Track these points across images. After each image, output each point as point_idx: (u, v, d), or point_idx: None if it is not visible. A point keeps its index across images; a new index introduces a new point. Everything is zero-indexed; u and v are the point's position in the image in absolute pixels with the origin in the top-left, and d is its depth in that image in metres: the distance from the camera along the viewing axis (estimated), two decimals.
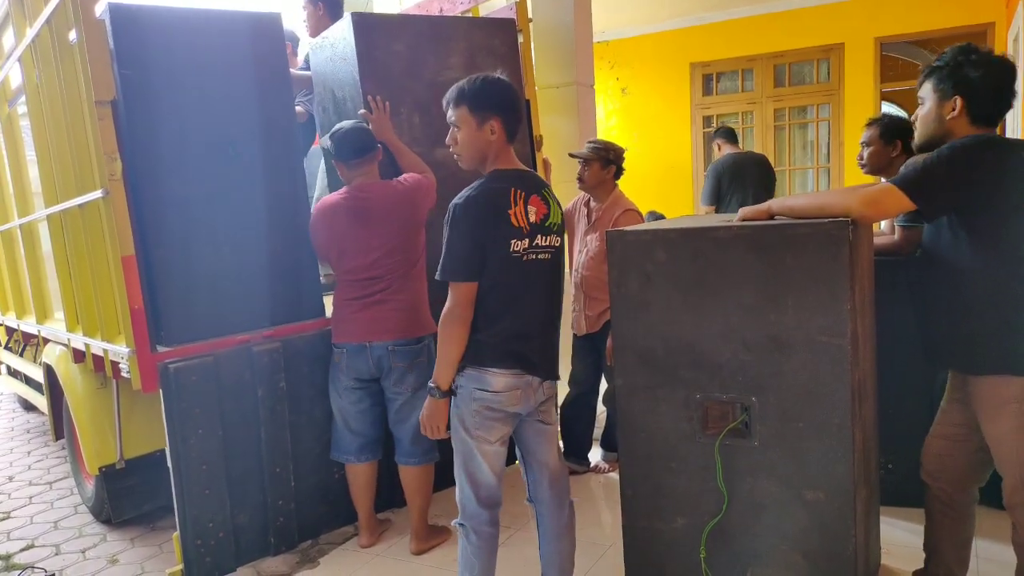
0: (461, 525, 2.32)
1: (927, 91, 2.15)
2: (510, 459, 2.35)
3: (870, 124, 3.32)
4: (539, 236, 2.22)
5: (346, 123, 3.08)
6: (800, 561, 2.10)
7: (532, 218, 2.20)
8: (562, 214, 2.33)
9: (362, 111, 3.21)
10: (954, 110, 2.08)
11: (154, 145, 2.81)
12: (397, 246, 2.99)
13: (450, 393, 2.24)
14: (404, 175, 3.12)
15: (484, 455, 2.25)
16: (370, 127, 3.13)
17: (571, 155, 3.76)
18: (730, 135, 5.93)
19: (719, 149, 5.88)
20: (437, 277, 2.20)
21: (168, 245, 2.84)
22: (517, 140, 3.62)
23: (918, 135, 2.19)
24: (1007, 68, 2.09)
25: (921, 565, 2.49)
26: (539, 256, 2.22)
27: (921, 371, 2.36)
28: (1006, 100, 2.10)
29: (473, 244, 2.14)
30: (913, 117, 2.25)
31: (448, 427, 2.27)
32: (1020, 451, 2.05)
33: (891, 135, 3.23)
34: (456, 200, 2.16)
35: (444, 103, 2.23)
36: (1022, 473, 2.06)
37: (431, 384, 2.23)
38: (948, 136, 2.07)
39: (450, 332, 2.18)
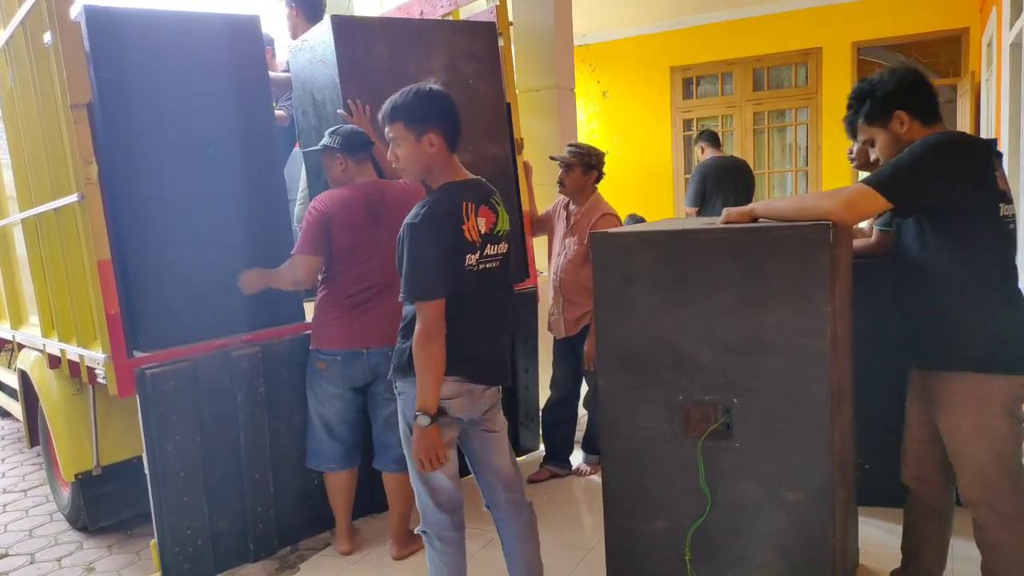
0: (424, 532, 2.32)
1: (868, 131, 2.22)
2: (464, 470, 2.35)
3: None
4: (489, 245, 2.22)
5: (343, 125, 3.06)
6: (779, 562, 2.11)
7: (482, 229, 2.20)
8: (510, 219, 2.32)
9: (341, 111, 3.19)
10: (903, 123, 2.15)
11: (132, 148, 2.77)
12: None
13: (439, 416, 2.14)
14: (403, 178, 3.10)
15: None
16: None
17: (552, 159, 3.77)
18: (713, 138, 5.98)
19: (702, 152, 5.94)
20: (404, 299, 2.16)
21: (146, 249, 2.80)
22: (497, 143, 3.69)
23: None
24: (909, 68, 2.20)
25: (897, 565, 2.51)
26: (488, 266, 2.23)
27: (896, 372, 2.39)
28: (932, 91, 2.18)
29: (438, 261, 2.12)
30: (874, 159, 2.30)
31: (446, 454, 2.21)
32: (979, 449, 2.08)
33: None
34: (412, 219, 2.13)
35: (379, 119, 2.22)
36: (980, 471, 2.10)
37: (417, 412, 2.12)
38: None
39: (431, 352, 2.11)
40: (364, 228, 2.92)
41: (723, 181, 5.57)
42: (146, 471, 2.81)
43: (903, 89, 2.15)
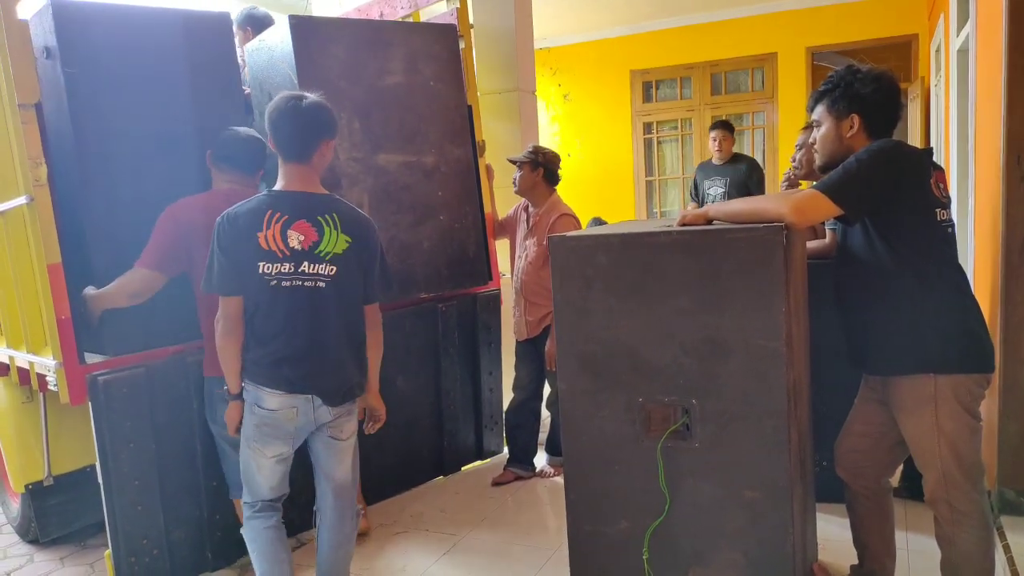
0: (245, 502, 2.44)
1: (821, 113, 2.25)
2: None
3: (805, 129, 3.43)
4: (306, 263, 2.23)
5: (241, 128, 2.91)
6: (740, 559, 2.13)
7: (294, 244, 2.21)
8: (349, 242, 2.29)
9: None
10: (852, 127, 2.19)
11: (100, 145, 2.70)
12: None
13: (240, 397, 2.34)
14: None
15: (259, 467, 2.34)
16: None
17: (509, 160, 3.80)
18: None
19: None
20: (202, 288, 2.29)
21: (113, 249, 2.72)
22: (458, 146, 3.68)
23: (820, 156, 2.28)
24: (893, 82, 2.21)
25: (855, 560, 2.56)
26: (306, 283, 2.24)
27: (851, 370, 2.44)
28: (896, 112, 2.22)
29: (224, 261, 2.21)
30: (812, 140, 2.34)
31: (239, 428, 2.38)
32: (940, 449, 2.13)
33: None
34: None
35: None
36: (943, 470, 2.15)
37: (224, 387, 2.35)
38: (849, 153, 2.15)
39: (222, 345, 2.28)
40: None
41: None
42: (99, 480, 2.74)
43: (873, 98, 2.16)
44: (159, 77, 2.85)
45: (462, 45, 3.87)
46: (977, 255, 3.56)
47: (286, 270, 2.21)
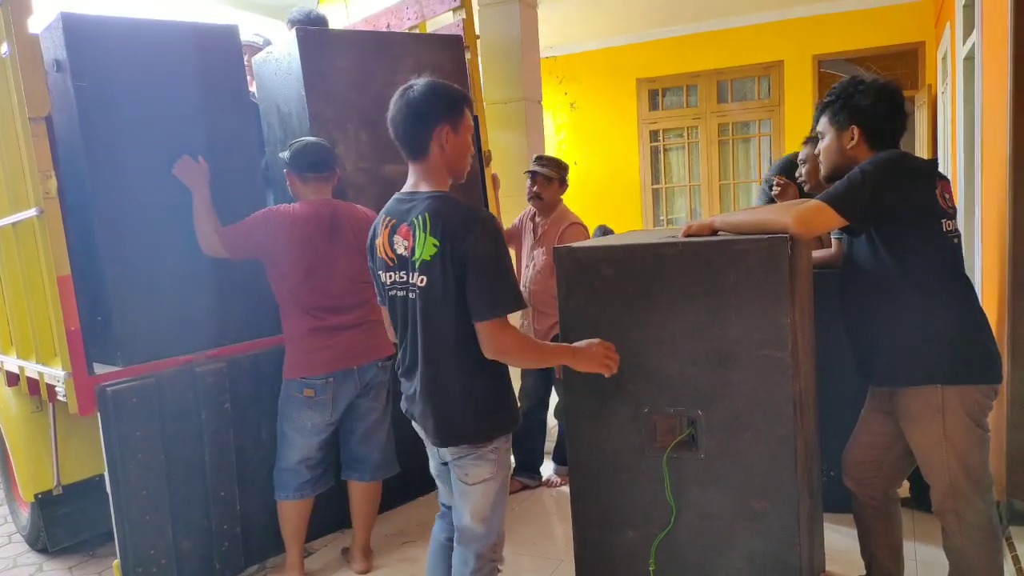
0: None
1: (824, 125, 2.26)
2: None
3: (807, 142, 3.41)
4: (408, 271, 2.00)
5: (309, 138, 3.02)
6: (747, 570, 2.13)
7: (401, 250, 2.00)
8: (436, 247, 1.91)
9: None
10: (853, 139, 2.19)
11: (111, 158, 2.73)
12: (363, 271, 2.81)
13: None
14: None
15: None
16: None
17: (533, 172, 3.71)
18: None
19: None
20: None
21: (126, 259, 2.75)
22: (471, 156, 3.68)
23: (824, 168, 2.29)
24: (895, 93, 2.20)
25: (862, 571, 2.55)
26: (399, 294, 2.04)
27: (858, 380, 2.43)
28: (899, 123, 2.21)
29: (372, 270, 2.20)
30: (816, 151, 2.35)
31: None
32: (947, 460, 2.13)
33: None
34: None
35: None
36: (950, 481, 2.14)
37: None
38: (852, 164, 2.15)
39: None
40: (317, 245, 2.85)
41: None
42: (108, 490, 2.76)
43: (872, 110, 2.17)
44: (169, 90, 2.88)
45: (468, 56, 3.89)
46: (984, 265, 3.55)
47: (399, 279, 2.02)
